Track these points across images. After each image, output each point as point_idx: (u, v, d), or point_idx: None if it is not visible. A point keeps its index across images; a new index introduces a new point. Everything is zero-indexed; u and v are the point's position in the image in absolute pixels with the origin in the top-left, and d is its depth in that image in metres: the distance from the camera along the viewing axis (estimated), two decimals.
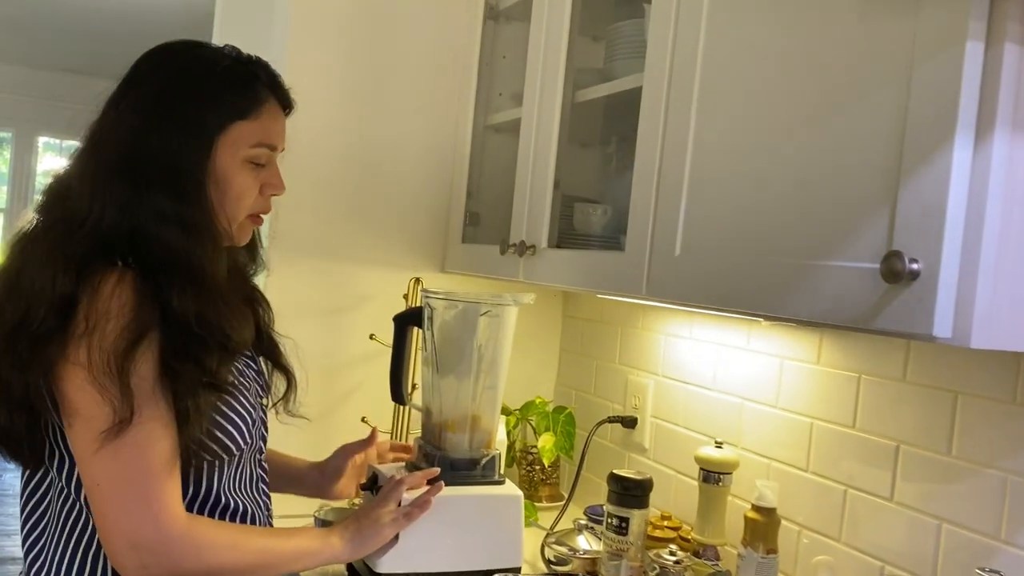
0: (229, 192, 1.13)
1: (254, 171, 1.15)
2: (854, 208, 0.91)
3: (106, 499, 1.01)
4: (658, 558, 1.44)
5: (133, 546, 1.01)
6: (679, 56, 1.21)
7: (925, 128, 0.83)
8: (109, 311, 0.99)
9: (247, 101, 1.13)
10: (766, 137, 1.04)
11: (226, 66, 1.14)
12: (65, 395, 1.01)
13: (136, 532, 1.01)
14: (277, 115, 1.18)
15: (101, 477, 1.01)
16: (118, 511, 1.01)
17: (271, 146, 1.16)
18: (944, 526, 1.19)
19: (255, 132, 1.14)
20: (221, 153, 1.11)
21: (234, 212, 1.15)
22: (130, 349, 0.98)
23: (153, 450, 1.02)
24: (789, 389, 1.47)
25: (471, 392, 1.44)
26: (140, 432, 1.00)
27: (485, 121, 1.97)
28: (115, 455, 1.00)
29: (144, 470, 1.01)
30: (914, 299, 0.81)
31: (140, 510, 1.01)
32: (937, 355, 1.22)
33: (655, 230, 1.23)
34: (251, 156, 1.14)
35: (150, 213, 1.05)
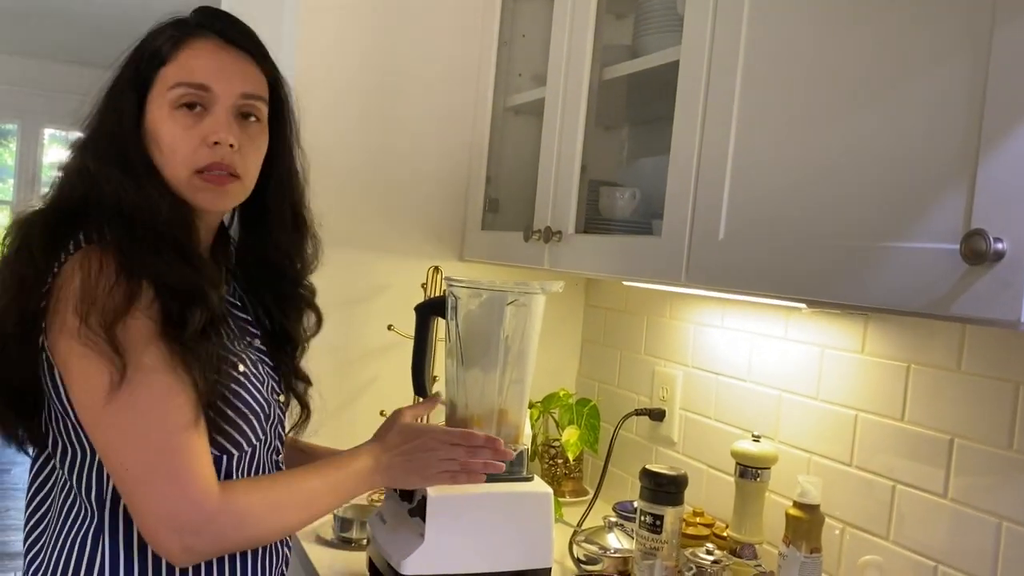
0: (162, 146, 1.05)
1: (186, 118, 1.05)
2: (925, 184, 0.83)
3: (135, 484, 0.97)
4: (694, 557, 1.38)
5: (174, 530, 0.97)
6: (721, 26, 1.14)
7: (1009, 94, 0.75)
8: (86, 286, 0.95)
9: (167, 46, 1.06)
10: (821, 109, 0.97)
11: (163, 22, 1.09)
12: (63, 371, 0.98)
13: (173, 515, 0.96)
14: (207, 51, 1.07)
15: (126, 459, 0.97)
16: (150, 495, 0.97)
17: (194, 84, 1.05)
18: (1004, 524, 1.12)
19: (173, 73, 1.05)
20: (151, 107, 1.06)
21: (174, 168, 1.06)
22: (118, 310, 0.95)
23: (169, 418, 0.97)
24: (831, 380, 1.40)
25: (497, 385, 1.37)
26: (148, 397, 0.96)
27: (504, 103, 1.90)
28: (131, 427, 0.96)
29: (166, 444, 0.96)
30: (998, 282, 0.74)
31: (172, 490, 0.96)
32: (995, 342, 1.15)
33: (695, 213, 1.16)
34: (172, 99, 1.05)
35: (104, 185, 1.02)
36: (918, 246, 0.83)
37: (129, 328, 0.95)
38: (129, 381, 0.95)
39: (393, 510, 1.40)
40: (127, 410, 0.95)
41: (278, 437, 1.18)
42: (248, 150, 1.09)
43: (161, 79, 1.05)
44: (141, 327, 0.96)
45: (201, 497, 0.97)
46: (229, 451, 1.06)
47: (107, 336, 0.93)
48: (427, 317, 1.44)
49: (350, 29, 1.89)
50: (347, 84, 1.89)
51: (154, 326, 0.97)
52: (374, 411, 1.87)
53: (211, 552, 1.02)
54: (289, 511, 1.07)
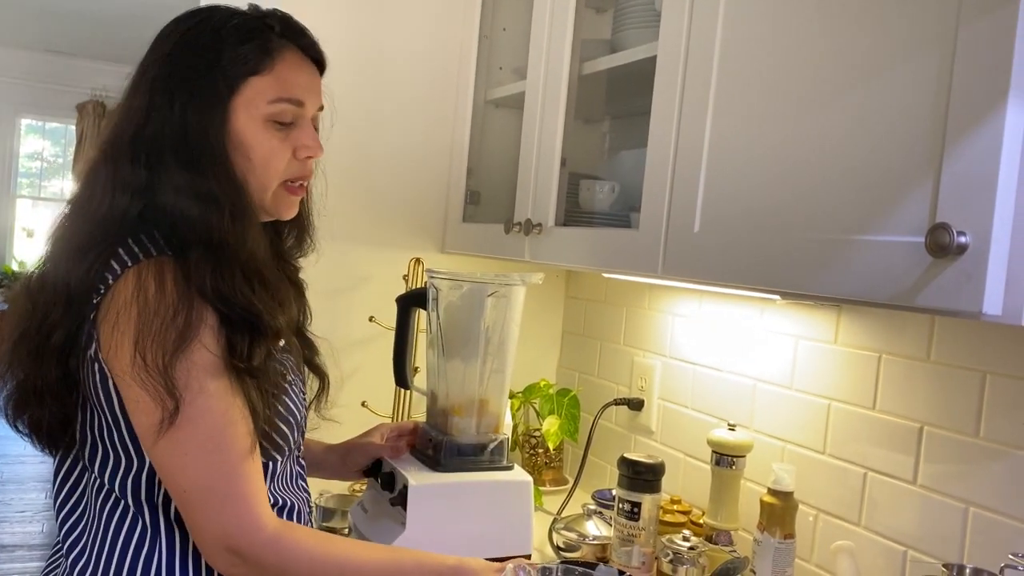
0: (253, 157, 1.04)
1: (280, 131, 1.06)
2: (893, 179, 0.86)
3: (192, 505, 0.98)
4: (671, 543, 1.40)
5: (224, 549, 0.98)
6: (697, 23, 1.16)
7: (972, 91, 0.78)
8: (139, 304, 0.94)
9: (258, 55, 1.04)
10: (793, 105, 0.99)
11: (235, 23, 1.05)
12: (122, 389, 0.97)
13: (224, 536, 0.97)
14: (298, 66, 1.09)
15: (184, 483, 0.97)
16: (205, 516, 0.98)
17: (293, 100, 1.07)
18: (971, 510, 1.15)
19: (271, 87, 1.05)
20: (237, 116, 1.03)
21: (264, 179, 1.06)
22: (178, 342, 0.93)
23: (228, 446, 0.97)
24: (805, 370, 1.42)
25: (478, 375, 1.39)
26: (208, 428, 0.96)
27: (485, 96, 1.91)
28: (189, 455, 0.96)
29: (224, 471, 0.97)
30: (962, 274, 0.77)
31: (226, 515, 0.97)
32: (964, 333, 1.18)
33: (671, 206, 1.18)
34: (271, 114, 1.05)
35: (166, 191, 0.99)
36: (885, 239, 0.85)
37: (190, 362, 0.95)
38: (188, 414, 0.94)
39: (374, 499, 1.42)
40: (185, 441, 0.96)
41: (302, 435, 1.18)
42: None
43: (253, 89, 1.04)
44: (203, 361, 0.95)
45: (253, 527, 0.98)
46: (274, 458, 1.07)
47: (163, 377, 0.93)
48: (408, 308, 1.46)
49: (330, 22, 1.89)
50: (328, 76, 1.89)
51: (217, 360, 0.96)
52: (356, 402, 1.88)
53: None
54: (331, 568, 1.04)
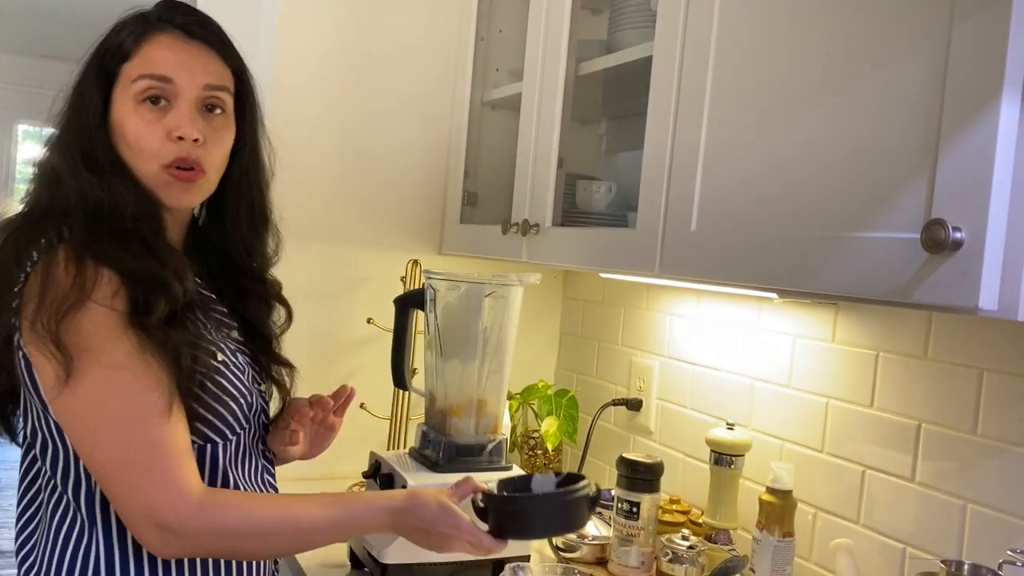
0: (129, 140, 1.05)
1: (151, 112, 1.05)
2: (888, 176, 0.86)
3: (111, 478, 0.96)
4: (670, 543, 1.40)
5: (152, 525, 0.95)
6: (692, 22, 1.16)
7: (967, 88, 0.78)
8: (47, 282, 0.96)
9: (130, 40, 1.06)
10: (789, 104, 1.00)
11: (126, 17, 1.08)
12: (33, 367, 0.98)
13: (149, 510, 0.94)
14: (168, 44, 1.06)
15: (99, 455, 0.96)
16: (126, 490, 0.96)
17: (156, 76, 1.04)
18: (970, 506, 1.15)
19: (136, 67, 1.05)
20: (115, 104, 1.06)
21: (141, 163, 1.05)
22: (70, 305, 0.94)
23: (140, 412, 0.96)
24: (803, 368, 1.43)
25: (476, 376, 1.39)
26: (115, 391, 0.95)
27: (482, 98, 1.92)
28: (98, 422, 0.95)
29: (139, 438, 0.95)
30: (957, 270, 0.77)
31: (147, 486, 0.95)
32: (961, 330, 1.18)
33: (668, 205, 1.19)
34: (136, 93, 1.04)
35: (72, 181, 1.02)
36: (881, 236, 0.85)
37: (88, 321, 0.95)
38: (92, 375, 0.94)
39: None
40: (93, 405, 0.95)
41: (262, 426, 1.18)
42: (212, 144, 1.08)
43: (125, 73, 1.05)
44: (103, 319, 0.95)
45: (177, 496, 0.95)
46: (213, 439, 1.06)
47: (53, 333, 0.93)
48: (406, 309, 1.46)
49: (328, 26, 1.89)
50: (325, 80, 1.90)
51: (120, 316, 0.96)
52: (354, 404, 1.87)
53: (190, 552, 1.00)
54: (275, 539, 1.02)
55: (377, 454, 1.45)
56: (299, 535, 1.04)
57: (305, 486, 1.71)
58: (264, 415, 1.20)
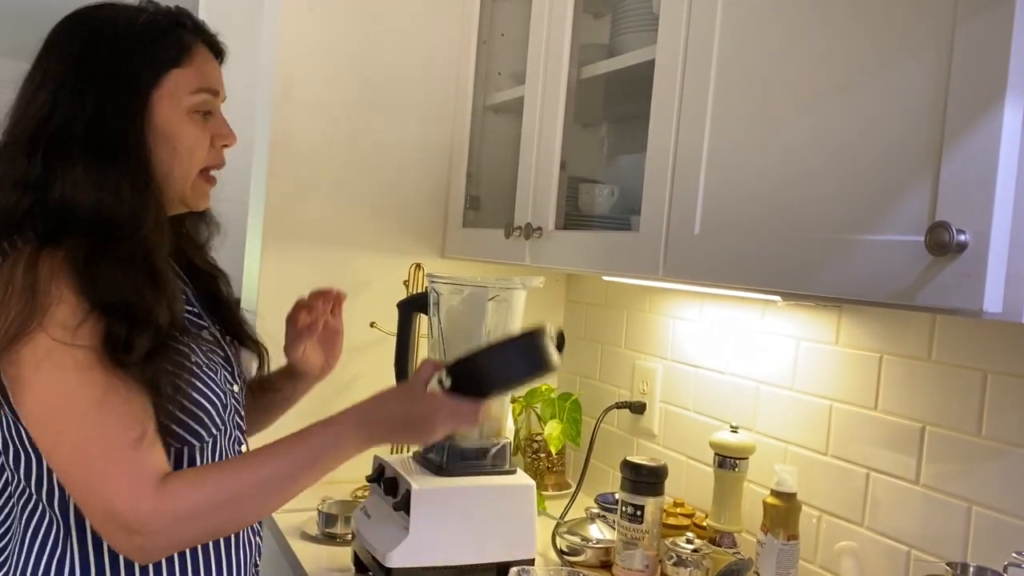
0: (179, 147, 1.05)
1: (200, 121, 1.08)
2: (892, 178, 0.86)
3: (74, 485, 0.94)
4: (674, 546, 1.40)
5: (121, 528, 0.91)
6: (696, 25, 1.16)
7: (970, 89, 0.78)
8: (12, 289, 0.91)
9: (176, 48, 1.05)
10: (792, 106, 1.00)
11: (146, 19, 1.06)
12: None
13: (113, 515, 0.91)
14: (209, 59, 1.10)
15: (59, 458, 0.94)
16: (88, 497, 0.93)
17: (212, 91, 1.09)
18: (975, 509, 1.15)
19: (192, 78, 1.06)
20: (160, 107, 1.04)
21: (188, 169, 1.07)
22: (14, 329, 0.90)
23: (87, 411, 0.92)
24: (806, 371, 1.42)
25: None
26: (53, 404, 0.92)
27: (484, 101, 1.92)
28: (54, 424, 0.93)
29: (94, 435, 0.92)
30: (962, 272, 0.77)
31: (106, 490, 0.91)
32: (965, 332, 1.18)
33: (671, 208, 1.19)
34: (194, 104, 1.06)
35: (62, 184, 0.97)
36: (885, 238, 0.85)
37: (28, 351, 0.91)
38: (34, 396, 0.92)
39: (377, 504, 1.42)
40: (50, 408, 0.92)
41: (238, 427, 1.16)
42: None
43: (174, 81, 1.05)
44: (61, 358, 0.91)
45: (133, 496, 0.91)
46: (189, 442, 1.03)
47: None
48: (409, 313, 1.46)
49: (330, 31, 1.90)
50: (328, 84, 1.90)
51: (86, 353, 0.92)
52: None
53: (166, 549, 0.97)
54: (248, 501, 0.99)
55: (381, 458, 1.45)
56: (270, 488, 1.01)
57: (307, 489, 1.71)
58: (239, 416, 1.18)
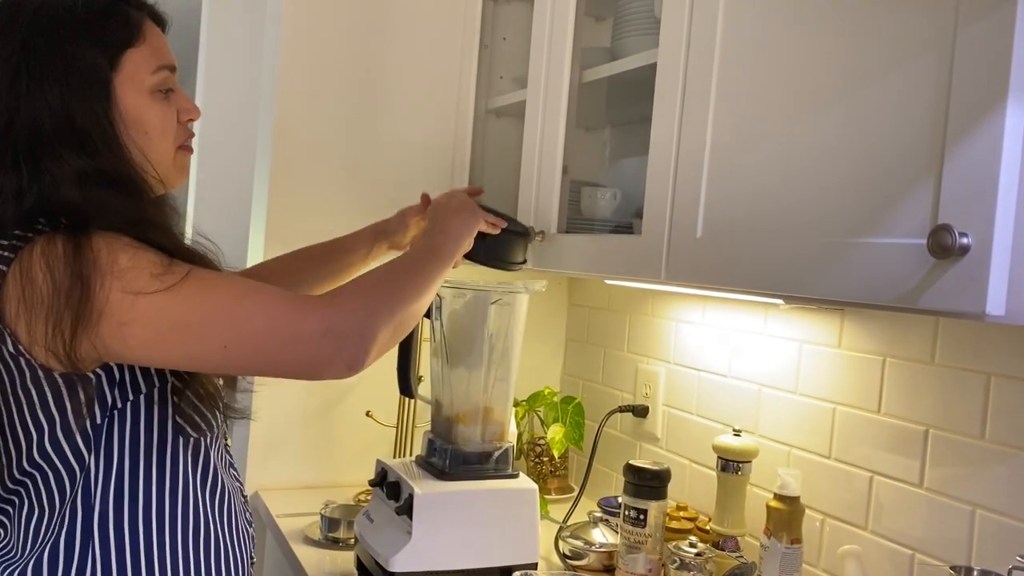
0: (151, 131, 1.02)
1: (163, 99, 1.04)
2: (894, 181, 0.86)
3: (256, 351, 0.94)
4: (678, 550, 1.40)
5: (328, 335, 0.94)
6: (696, 27, 1.16)
7: (972, 92, 0.78)
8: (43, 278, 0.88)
9: (126, 28, 1.01)
10: (794, 109, 1.00)
11: (83, 1, 0.99)
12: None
13: (315, 330, 0.94)
14: (158, 33, 1.06)
15: (215, 338, 0.93)
16: (281, 347, 0.94)
17: (170, 66, 1.05)
18: (978, 512, 1.15)
19: (149, 57, 1.02)
20: (124, 92, 1.00)
21: (163, 149, 1.04)
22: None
23: (220, 280, 0.95)
24: (809, 374, 1.42)
25: (482, 383, 1.39)
26: (195, 282, 0.93)
27: (486, 105, 1.92)
28: (206, 315, 0.93)
29: (227, 296, 0.94)
30: (964, 275, 0.77)
31: (292, 323, 0.94)
32: (968, 335, 1.18)
33: (674, 212, 1.19)
34: (155, 83, 1.03)
35: (65, 183, 0.94)
36: (887, 241, 0.85)
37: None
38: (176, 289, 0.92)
39: (380, 509, 1.42)
40: (193, 307, 0.93)
41: (225, 421, 1.16)
42: None
43: (132, 62, 1.01)
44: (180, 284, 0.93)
45: (322, 309, 0.95)
46: (204, 431, 1.05)
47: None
48: None
49: (332, 35, 1.90)
50: (330, 89, 1.91)
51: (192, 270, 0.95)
52: (359, 412, 1.88)
53: (372, 345, 0.99)
54: (407, 291, 1.06)
55: (383, 462, 1.45)
56: (418, 283, 1.09)
57: (310, 493, 1.72)
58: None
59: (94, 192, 0.95)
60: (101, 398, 0.96)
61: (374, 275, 1.06)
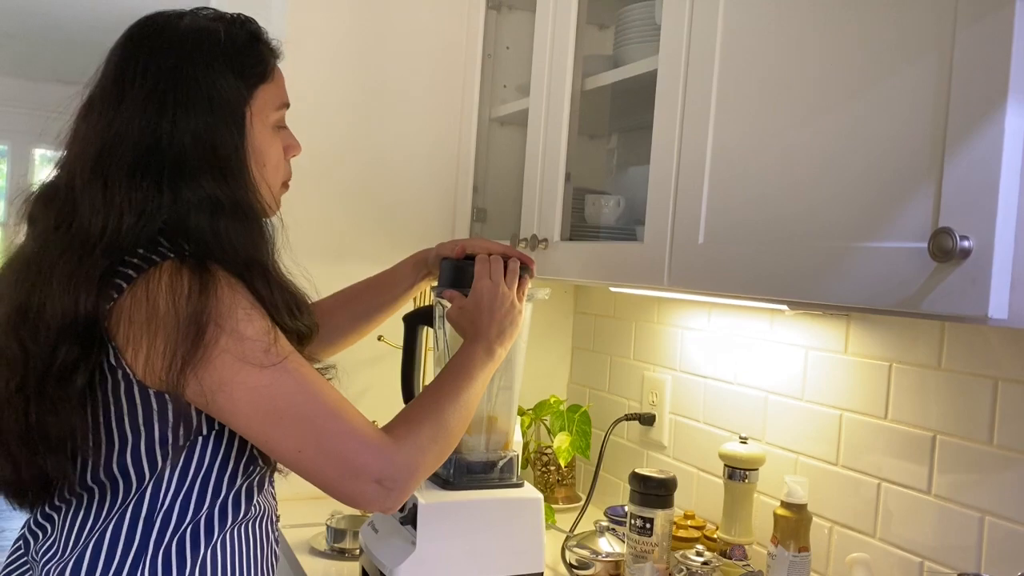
0: (268, 164, 1.06)
1: (279, 135, 1.09)
2: (895, 185, 0.85)
3: (315, 460, 0.97)
4: (685, 559, 1.39)
5: (375, 482, 0.98)
6: (697, 35, 1.16)
7: (972, 94, 0.77)
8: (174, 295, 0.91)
9: (261, 65, 1.05)
10: (794, 114, 0.99)
11: (226, 31, 1.04)
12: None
13: (366, 470, 0.97)
14: (281, 73, 1.11)
15: (296, 440, 0.96)
16: (334, 461, 0.97)
17: (288, 104, 1.11)
18: (987, 519, 1.13)
19: (276, 94, 1.07)
20: (252, 125, 1.04)
21: (274, 183, 1.09)
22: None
23: (315, 386, 0.98)
24: (816, 380, 1.41)
25: (486, 392, 1.38)
26: (293, 373, 0.96)
27: (490, 114, 1.92)
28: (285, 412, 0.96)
29: (328, 416, 0.97)
30: (966, 279, 0.76)
31: (355, 452, 0.97)
32: (975, 340, 1.17)
33: (676, 218, 1.18)
34: (277, 120, 1.08)
35: (193, 207, 0.97)
36: (889, 245, 0.85)
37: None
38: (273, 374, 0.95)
39: (384, 519, 1.41)
40: (270, 397, 0.96)
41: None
42: None
43: (263, 97, 1.05)
44: (279, 365, 0.96)
45: (381, 451, 0.98)
46: (271, 462, 1.07)
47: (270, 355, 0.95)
48: (415, 327, 1.46)
49: (335, 44, 1.91)
50: (335, 98, 1.91)
51: (291, 356, 0.98)
52: None
53: (411, 489, 1.03)
54: (453, 426, 1.09)
55: None
56: (462, 411, 1.12)
57: (316, 504, 1.71)
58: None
59: (221, 223, 0.98)
60: (187, 421, 0.98)
61: (433, 416, 1.08)
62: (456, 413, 1.11)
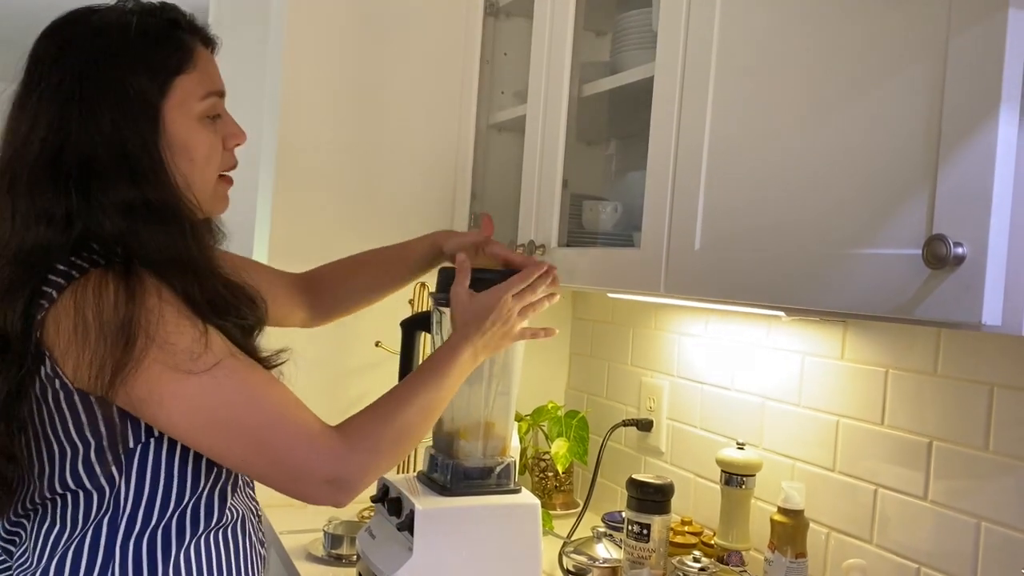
0: (196, 157, 1.01)
1: (211, 126, 1.04)
2: (889, 192, 0.86)
3: (262, 462, 0.97)
4: (682, 565, 1.39)
5: (326, 482, 0.99)
6: (693, 42, 1.17)
7: (964, 103, 0.78)
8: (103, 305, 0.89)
9: (177, 53, 1.00)
10: (789, 122, 1.00)
11: (139, 23, 0.99)
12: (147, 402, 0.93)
13: (315, 471, 0.98)
14: (209, 58, 1.06)
15: (243, 447, 0.96)
16: (282, 462, 0.97)
17: (219, 92, 1.05)
18: (984, 525, 1.13)
19: (198, 83, 1.02)
20: (172, 118, 0.99)
21: (207, 176, 1.04)
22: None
23: (257, 390, 0.97)
24: (812, 386, 1.41)
25: (483, 398, 1.39)
26: (230, 379, 0.95)
27: (487, 120, 1.93)
28: (224, 403, 0.95)
29: (271, 415, 0.97)
30: (960, 285, 0.76)
31: (303, 453, 0.97)
32: (970, 346, 1.17)
33: (672, 224, 1.18)
34: (204, 110, 1.02)
35: (113, 212, 0.94)
36: (884, 252, 0.85)
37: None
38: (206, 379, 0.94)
39: (382, 525, 1.41)
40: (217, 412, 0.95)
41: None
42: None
43: (182, 89, 1.00)
44: (212, 371, 0.94)
45: (331, 451, 0.98)
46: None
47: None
48: (412, 332, 1.46)
49: (334, 50, 1.91)
50: (332, 104, 1.92)
51: (227, 359, 0.96)
52: None
53: (364, 486, 1.02)
54: (415, 426, 1.09)
55: (385, 478, 1.45)
56: (426, 411, 1.11)
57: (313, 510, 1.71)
58: None
59: (139, 225, 0.95)
60: (135, 425, 0.96)
61: (394, 413, 1.08)
62: (422, 412, 1.10)
